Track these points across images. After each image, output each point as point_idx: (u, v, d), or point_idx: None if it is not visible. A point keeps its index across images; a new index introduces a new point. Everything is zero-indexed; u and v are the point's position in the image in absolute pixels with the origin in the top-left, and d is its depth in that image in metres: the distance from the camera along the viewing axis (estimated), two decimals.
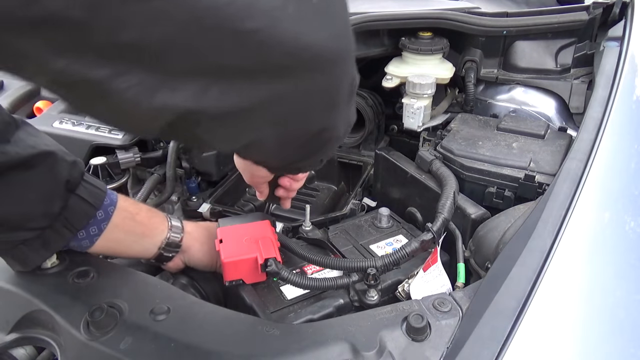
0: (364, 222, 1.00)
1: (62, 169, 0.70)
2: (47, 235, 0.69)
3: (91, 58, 0.31)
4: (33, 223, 0.68)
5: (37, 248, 0.69)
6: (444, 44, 1.21)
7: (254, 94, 0.37)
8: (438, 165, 0.98)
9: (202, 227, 0.89)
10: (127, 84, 0.32)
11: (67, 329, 0.63)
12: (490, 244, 0.78)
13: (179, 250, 0.84)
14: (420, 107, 1.14)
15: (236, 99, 0.37)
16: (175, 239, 0.83)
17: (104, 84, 0.32)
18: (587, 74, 1.20)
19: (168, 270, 0.87)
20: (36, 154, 0.67)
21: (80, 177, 0.73)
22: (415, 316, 0.60)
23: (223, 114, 0.37)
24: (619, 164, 0.77)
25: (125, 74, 0.32)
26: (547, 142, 1.00)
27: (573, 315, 0.55)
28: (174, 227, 0.83)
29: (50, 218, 0.69)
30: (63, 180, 0.70)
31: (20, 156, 0.65)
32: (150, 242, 0.81)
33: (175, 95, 0.34)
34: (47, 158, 0.69)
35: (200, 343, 0.60)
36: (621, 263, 0.61)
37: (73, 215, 0.71)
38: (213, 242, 0.84)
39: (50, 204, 0.69)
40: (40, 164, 0.67)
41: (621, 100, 0.87)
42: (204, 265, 0.87)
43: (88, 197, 0.73)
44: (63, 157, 0.71)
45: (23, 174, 0.66)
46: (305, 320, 0.74)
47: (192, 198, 1.17)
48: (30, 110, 1.22)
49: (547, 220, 0.64)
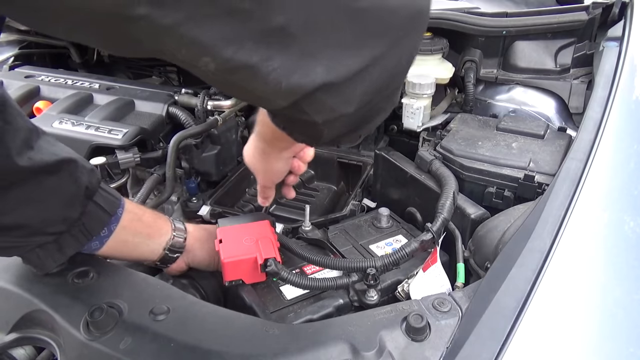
0: (364, 222, 1.00)
1: (82, 176, 0.71)
2: (63, 239, 0.70)
3: (250, 45, 0.35)
4: (52, 228, 0.69)
5: (52, 252, 0.70)
6: (443, 44, 1.21)
7: (362, 59, 0.40)
8: (437, 165, 0.98)
9: (202, 228, 0.90)
10: (271, 67, 0.36)
11: (67, 329, 0.63)
12: (489, 244, 0.78)
13: (182, 251, 0.84)
14: (419, 107, 1.14)
15: (349, 67, 0.40)
16: (179, 240, 0.83)
17: (254, 67, 0.36)
18: (586, 74, 1.21)
19: (170, 273, 0.88)
20: (59, 160, 0.68)
21: (97, 184, 0.74)
22: (415, 316, 0.60)
23: (333, 88, 0.40)
24: (618, 164, 0.77)
25: (270, 59, 0.36)
26: (546, 142, 1.00)
27: (572, 315, 0.55)
28: (177, 229, 0.84)
29: (69, 223, 0.70)
30: (83, 186, 0.71)
31: (44, 162, 0.66)
32: (155, 243, 0.81)
33: (309, 75, 0.38)
34: (69, 164, 0.70)
35: (200, 343, 0.60)
36: (620, 263, 0.61)
37: (90, 221, 0.72)
38: (213, 243, 0.84)
39: (70, 209, 0.70)
40: (62, 170, 0.69)
41: (621, 100, 0.87)
42: (205, 265, 0.88)
43: (104, 205, 0.74)
44: (83, 165, 0.73)
45: (47, 180, 0.67)
46: (305, 320, 0.74)
47: (192, 199, 1.18)
48: (30, 110, 1.22)
49: (547, 220, 0.64)
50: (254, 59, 0.36)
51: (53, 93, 1.26)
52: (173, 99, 1.22)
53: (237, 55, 0.35)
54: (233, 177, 1.25)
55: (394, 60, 0.43)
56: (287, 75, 0.37)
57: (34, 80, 1.30)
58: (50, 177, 0.68)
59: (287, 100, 0.40)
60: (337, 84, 0.40)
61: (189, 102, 1.22)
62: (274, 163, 0.80)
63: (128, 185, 1.16)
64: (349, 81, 0.40)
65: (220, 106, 1.20)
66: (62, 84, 1.29)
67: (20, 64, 1.48)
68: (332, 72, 0.39)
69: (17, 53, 1.53)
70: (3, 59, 1.51)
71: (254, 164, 0.83)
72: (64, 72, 1.41)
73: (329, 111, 0.44)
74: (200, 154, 1.19)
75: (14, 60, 1.52)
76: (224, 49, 0.34)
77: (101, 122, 1.11)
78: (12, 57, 1.52)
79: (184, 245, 0.84)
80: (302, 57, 0.37)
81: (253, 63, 0.36)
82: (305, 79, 0.38)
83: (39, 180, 0.67)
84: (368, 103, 0.46)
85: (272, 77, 0.37)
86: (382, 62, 0.42)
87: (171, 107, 1.19)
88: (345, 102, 0.43)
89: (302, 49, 0.37)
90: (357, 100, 0.44)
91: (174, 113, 1.19)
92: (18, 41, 1.56)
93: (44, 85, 1.28)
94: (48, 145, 0.69)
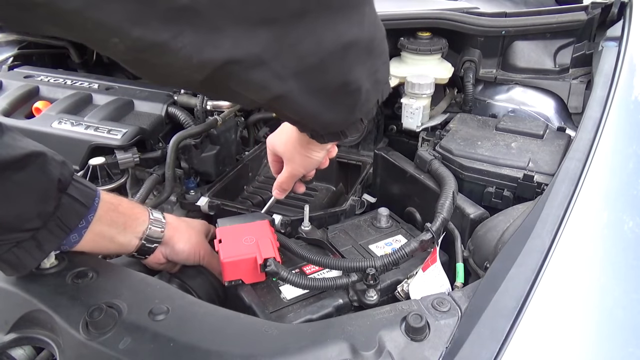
0: (363, 222, 1.00)
1: (53, 169, 0.70)
2: (41, 235, 0.69)
3: (156, 24, 0.37)
4: (27, 224, 0.67)
5: (31, 250, 0.68)
6: (442, 44, 1.22)
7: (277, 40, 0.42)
8: (437, 165, 0.98)
9: (181, 219, 0.90)
10: (181, 43, 0.38)
11: (66, 329, 0.62)
12: (489, 244, 0.78)
13: (160, 242, 0.83)
14: (419, 107, 1.14)
15: (262, 45, 0.42)
16: (156, 229, 0.82)
17: (164, 45, 0.38)
18: (585, 74, 1.21)
19: (149, 265, 0.86)
20: (27, 153, 0.67)
21: (70, 177, 0.73)
22: (414, 316, 0.60)
23: (252, 63, 0.42)
24: (617, 163, 0.77)
25: (179, 35, 0.38)
26: (545, 142, 1.01)
27: (572, 315, 0.55)
28: (155, 219, 0.83)
29: (45, 218, 0.69)
30: (55, 179, 0.70)
31: (11, 156, 0.65)
32: (131, 233, 0.80)
33: (218, 49, 0.40)
34: (38, 158, 0.69)
35: (199, 343, 0.60)
36: (620, 263, 0.61)
37: (66, 214, 0.71)
38: (193, 233, 0.84)
39: (44, 203, 0.69)
40: (32, 163, 0.68)
41: (620, 100, 0.87)
42: (185, 257, 0.86)
43: (79, 197, 0.73)
44: (53, 157, 0.71)
45: (16, 174, 0.66)
46: (305, 320, 0.74)
47: (190, 192, 1.17)
48: (29, 111, 1.22)
49: (546, 220, 0.64)
50: (163, 37, 0.37)
51: (52, 93, 1.26)
52: (172, 99, 1.22)
53: (144, 34, 0.37)
54: (232, 173, 1.24)
55: (319, 35, 0.44)
56: (197, 50, 0.39)
57: (33, 81, 1.30)
58: (20, 172, 0.66)
59: (202, 74, 0.42)
60: (251, 57, 0.41)
61: (188, 102, 1.22)
62: (316, 153, 0.81)
63: (127, 186, 1.16)
64: (267, 54, 0.42)
65: (220, 106, 1.20)
66: (62, 84, 1.29)
67: (20, 64, 1.48)
68: (240, 46, 0.40)
69: (16, 53, 1.53)
70: (2, 59, 1.51)
71: (292, 153, 0.83)
72: (63, 72, 1.41)
73: (260, 89, 0.45)
74: (199, 154, 1.19)
75: (13, 60, 1.51)
76: (130, 30, 0.36)
77: (100, 122, 1.11)
78: (12, 57, 1.52)
79: (161, 235, 0.83)
80: (211, 32, 0.39)
81: (162, 41, 0.37)
82: (215, 52, 0.40)
83: (7, 175, 0.65)
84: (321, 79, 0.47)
85: (182, 53, 0.39)
86: (300, 36, 0.43)
87: (170, 107, 1.19)
88: (274, 78, 0.44)
89: (209, 24, 0.38)
90: (292, 76, 0.45)
91: (173, 113, 1.19)
92: (17, 41, 1.56)
93: (43, 85, 1.28)
94: (14, 141, 0.67)
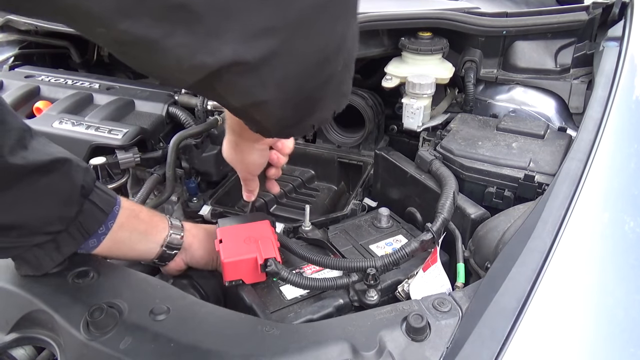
0: (364, 222, 1.00)
1: (77, 175, 0.72)
2: (61, 238, 0.71)
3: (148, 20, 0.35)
4: (49, 227, 0.69)
5: (50, 251, 0.70)
6: (443, 44, 1.21)
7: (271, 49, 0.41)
8: (438, 165, 0.98)
9: (200, 227, 0.90)
10: (173, 44, 0.37)
11: (67, 329, 0.63)
12: (489, 244, 0.78)
13: (180, 248, 0.84)
14: (419, 107, 1.14)
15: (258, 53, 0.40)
16: (176, 237, 0.84)
17: (154, 43, 0.36)
18: (586, 74, 1.20)
19: (169, 272, 0.88)
20: (53, 159, 0.69)
21: (93, 184, 0.75)
22: (415, 316, 0.60)
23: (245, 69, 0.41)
24: (618, 164, 0.77)
25: (173, 35, 0.36)
26: (546, 142, 1.00)
27: (573, 315, 0.55)
28: (175, 226, 0.85)
29: (66, 222, 0.71)
30: (78, 185, 0.71)
31: (38, 161, 0.67)
32: (153, 241, 0.82)
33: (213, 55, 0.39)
34: (64, 164, 0.71)
35: (200, 343, 0.60)
36: (620, 263, 0.61)
37: (87, 220, 0.73)
38: (211, 240, 0.84)
39: (67, 208, 0.71)
40: (57, 169, 0.69)
41: (621, 100, 0.87)
42: (204, 263, 0.88)
43: (100, 203, 0.75)
44: (78, 164, 0.73)
45: (42, 179, 0.68)
46: (305, 320, 0.74)
47: (193, 199, 1.18)
48: (30, 111, 1.22)
49: (547, 220, 0.64)
50: (154, 34, 0.36)
51: (53, 93, 1.26)
52: (173, 99, 1.22)
53: (133, 29, 0.35)
54: (233, 177, 1.25)
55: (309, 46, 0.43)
56: (191, 53, 0.38)
57: (34, 80, 1.30)
58: (46, 177, 0.68)
59: (192, 78, 0.41)
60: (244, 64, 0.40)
61: (189, 102, 1.22)
62: (248, 155, 0.80)
63: (128, 186, 1.16)
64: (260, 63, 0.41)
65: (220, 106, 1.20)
66: (62, 84, 1.29)
67: (20, 64, 1.48)
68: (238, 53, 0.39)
69: (17, 53, 1.53)
70: (3, 59, 1.52)
71: (230, 157, 0.83)
72: (64, 72, 1.42)
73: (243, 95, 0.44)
74: (200, 154, 1.19)
75: (14, 60, 1.52)
76: (118, 22, 0.35)
77: (101, 122, 1.11)
78: (12, 57, 1.52)
79: (181, 242, 0.84)
80: (207, 36, 0.37)
81: (153, 38, 0.36)
82: (210, 58, 0.38)
83: (34, 179, 0.67)
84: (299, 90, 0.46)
85: (173, 54, 0.37)
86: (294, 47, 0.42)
87: (171, 107, 1.19)
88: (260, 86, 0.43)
89: (207, 28, 0.37)
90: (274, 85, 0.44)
91: (174, 113, 1.19)
92: (18, 41, 1.56)
93: (44, 85, 1.28)
94: (42, 146, 0.69)
